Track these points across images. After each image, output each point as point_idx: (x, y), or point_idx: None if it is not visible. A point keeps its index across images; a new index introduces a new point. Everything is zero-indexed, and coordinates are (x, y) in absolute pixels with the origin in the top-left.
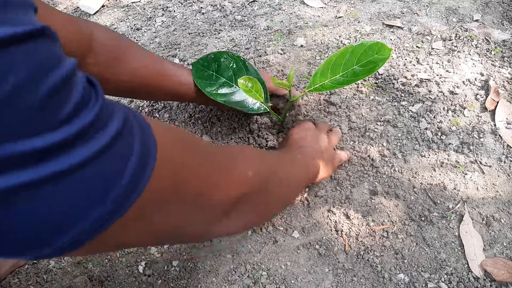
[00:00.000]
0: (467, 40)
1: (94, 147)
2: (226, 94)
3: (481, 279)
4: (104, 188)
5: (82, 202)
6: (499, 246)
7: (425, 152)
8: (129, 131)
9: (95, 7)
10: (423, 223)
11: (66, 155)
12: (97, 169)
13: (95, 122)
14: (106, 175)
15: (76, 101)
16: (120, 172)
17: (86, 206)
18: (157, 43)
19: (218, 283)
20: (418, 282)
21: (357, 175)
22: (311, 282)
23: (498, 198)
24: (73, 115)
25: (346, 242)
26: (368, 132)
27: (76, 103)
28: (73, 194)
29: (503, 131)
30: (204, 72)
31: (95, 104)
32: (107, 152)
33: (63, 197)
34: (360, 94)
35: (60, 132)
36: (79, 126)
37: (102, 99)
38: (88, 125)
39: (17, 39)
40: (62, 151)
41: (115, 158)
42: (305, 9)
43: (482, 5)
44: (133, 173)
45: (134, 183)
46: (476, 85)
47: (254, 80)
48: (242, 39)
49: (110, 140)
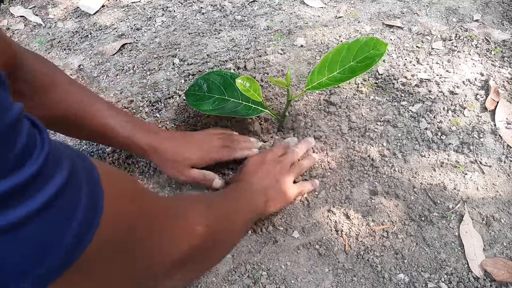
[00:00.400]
0: (467, 40)
1: (35, 204)
2: (220, 108)
3: (481, 279)
4: (42, 250)
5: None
6: (499, 246)
7: (425, 152)
8: (75, 184)
9: (95, 7)
10: (423, 223)
11: (5, 211)
12: (37, 228)
13: (39, 175)
14: (46, 236)
15: (19, 151)
16: (62, 231)
17: (21, 268)
18: (157, 43)
19: (218, 283)
20: (418, 282)
21: (357, 175)
22: (311, 282)
23: (498, 198)
24: (17, 165)
25: (346, 242)
26: (368, 132)
27: (20, 153)
28: (8, 254)
29: (503, 131)
30: (197, 96)
31: (40, 153)
32: (49, 210)
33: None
34: (360, 94)
35: (3, 184)
36: (23, 178)
37: (48, 146)
38: (30, 179)
39: None
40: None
41: (58, 215)
42: (305, 9)
43: (482, 5)
44: (77, 231)
45: (77, 241)
46: (476, 85)
47: (252, 80)
48: (242, 39)
49: (52, 197)
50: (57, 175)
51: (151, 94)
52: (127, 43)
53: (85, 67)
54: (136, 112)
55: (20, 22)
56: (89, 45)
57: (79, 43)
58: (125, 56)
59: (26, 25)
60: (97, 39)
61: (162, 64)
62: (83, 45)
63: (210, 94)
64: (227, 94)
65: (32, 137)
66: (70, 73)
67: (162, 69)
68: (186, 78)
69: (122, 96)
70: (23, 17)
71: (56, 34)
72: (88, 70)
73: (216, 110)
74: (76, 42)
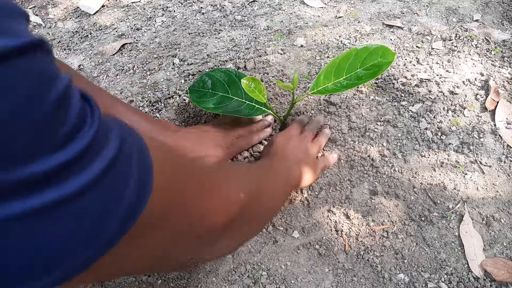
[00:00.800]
0: (467, 40)
1: (89, 176)
2: (223, 106)
3: (481, 279)
4: (99, 219)
5: (77, 235)
6: (499, 246)
7: (425, 152)
8: (125, 156)
9: (95, 7)
10: (423, 223)
11: (60, 184)
12: (93, 200)
13: (91, 147)
14: (102, 206)
15: (72, 121)
16: (116, 202)
17: (81, 239)
18: (157, 43)
19: (218, 283)
20: (418, 282)
21: (357, 175)
22: (311, 282)
23: (498, 198)
24: (69, 137)
25: (346, 242)
26: (368, 132)
27: (73, 123)
28: (68, 226)
29: (503, 131)
30: (201, 93)
31: (91, 125)
32: (103, 181)
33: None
34: (360, 94)
35: (55, 158)
36: (75, 151)
37: (98, 118)
38: (84, 150)
39: (17, 52)
40: (56, 179)
41: (111, 187)
42: (305, 9)
43: (482, 5)
44: (129, 203)
45: (130, 212)
46: (476, 85)
47: (257, 81)
48: (242, 39)
49: (106, 168)
50: (107, 147)
51: (151, 94)
52: (127, 43)
53: (85, 67)
54: None
55: None
56: (89, 45)
57: (79, 43)
58: (125, 56)
59: None
60: (97, 39)
61: (162, 64)
62: (83, 45)
63: (214, 91)
64: (231, 92)
65: (83, 108)
66: None
67: (162, 69)
68: (186, 78)
69: (122, 96)
70: None
71: (56, 34)
72: (88, 70)
73: (219, 108)
74: (76, 42)
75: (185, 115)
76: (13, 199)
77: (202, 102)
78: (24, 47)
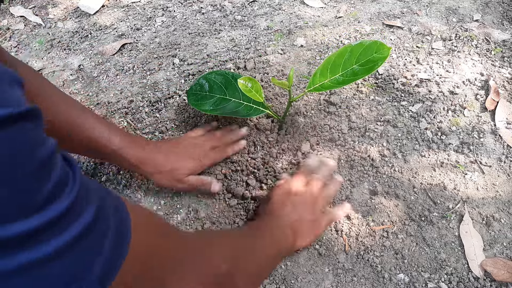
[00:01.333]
0: (467, 40)
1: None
2: (221, 108)
3: (481, 279)
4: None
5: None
6: (499, 246)
7: (425, 152)
8: (102, 221)
9: (95, 7)
10: (423, 223)
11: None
12: (67, 263)
13: (70, 211)
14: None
15: (53, 185)
16: (89, 267)
17: None
18: (157, 43)
19: None
20: (418, 282)
21: (357, 175)
22: (311, 282)
23: (498, 198)
24: (48, 200)
25: (346, 242)
26: (368, 132)
27: (53, 188)
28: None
29: (503, 131)
30: (198, 95)
31: (72, 187)
32: (78, 244)
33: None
34: (360, 94)
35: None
36: (54, 214)
37: (79, 182)
38: (62, 214)
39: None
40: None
41: (85, 251)
42: (305, 9)
43: (482, 5)
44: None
45: (104, 276)
46: (476, 85)
47: (254, 80)
48: (242, 39)
49: (81, 232)
50: (87, 209)
51: (151, 94)
52: (127, 43)
53: (85, 67)
54: (136, 112)
55: (20, 22)
56: (89, 45)
57: (79, 43)
58: (125, 56)
59: (26, 25)
60: (97, 39)
61: (162, 64)
62: (83, 45)
63: (211, 94)
64: (228, 94)
65: (65, 171)
66: (70, 73)
67: (162, 69)
68: (186, 78)
69: (122, 96)
70: (23, 17)
71: (56, 34)
72: (88, 70)
73: (217, 110)
74: (76, 42)
75: (185, 115)
76: None
77: (200, 104)
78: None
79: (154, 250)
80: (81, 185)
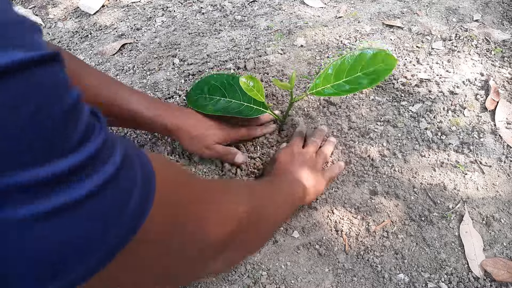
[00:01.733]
0: (467, 40)
1: (97, 181)
2: (223, 109)
3: (481, 279)
4: (105, 225)
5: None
6: (499, 246)
7: (425, 152)
8: (130, 165)
9: (95, 7)
10: (423, 223)
11: (68, 188)
12: (100, 204)
13: (98, 155)
14: (108, 211)
15: (81, 131)
16: (122, 208)
17: (86, 244)
18: (157, 43)
19: (218, 283)
20: (418, 282)
21: (357, 175)
22: (311, 282)
23: (498, 198)
24: (80, 142)
25: (346, 242)
26: (368, 132)
27: (81, 133)
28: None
29: (503, 131)
30: (199, 98)
31: (98, 136)
32: (110, 186)
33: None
34: (360, 94)
35: (67, 161)
36: (83, 157)
37: (105, 132)
38: (92, 157)
39: (34, 64)
40: (64, 183)
41: (118, 192)
42: (305, 9)
43: (482, 5)
44: (134, 209)
45: (134, 220)
46: (476, 85)
47: (255, 79)
48: (242, 39)
49: (112, 174)
50: (113, 156)
51: (151, 94)
52: (127, 43)
53: None
54: None
55: None
56: (89, 45)
57: (79, 43)
58: (125, 56)
59: None
60: (97, 39)
61: (162, 64)
62: (83, 45)
63: (211, 97)
64: (229, 96)
65: (91, 120)
66: None
67: (162, 69)
68: (186, 78)
69: None
70: None
71: (56, 34)
72: None
73: (218, 111)
74: (76, 42)
75: None
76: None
77: (201, 107)
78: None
79: (178, 198)
80: (106, 133)
